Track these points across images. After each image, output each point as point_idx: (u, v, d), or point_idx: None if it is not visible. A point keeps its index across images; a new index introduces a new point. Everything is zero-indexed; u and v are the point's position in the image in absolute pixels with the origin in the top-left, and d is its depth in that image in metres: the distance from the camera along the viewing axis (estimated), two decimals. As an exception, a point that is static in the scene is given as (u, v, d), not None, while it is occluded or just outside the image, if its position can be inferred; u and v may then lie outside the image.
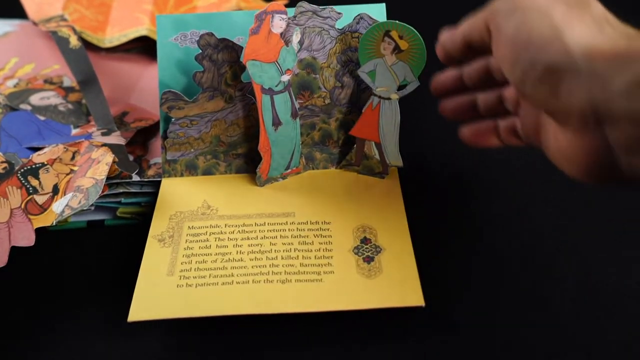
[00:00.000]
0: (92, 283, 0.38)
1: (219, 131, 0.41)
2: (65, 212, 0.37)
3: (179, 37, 0.41)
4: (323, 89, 0.41)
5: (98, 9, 0.61)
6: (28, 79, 0.52)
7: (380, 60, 0.39)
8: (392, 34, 0.38)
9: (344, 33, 0.40)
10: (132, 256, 0.39)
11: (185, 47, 0.41)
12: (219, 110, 0.41)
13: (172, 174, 0.41)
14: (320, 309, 0.33)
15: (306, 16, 0.39)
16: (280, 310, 0.33)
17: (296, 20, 0.39)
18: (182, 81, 0.41)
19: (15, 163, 0.40)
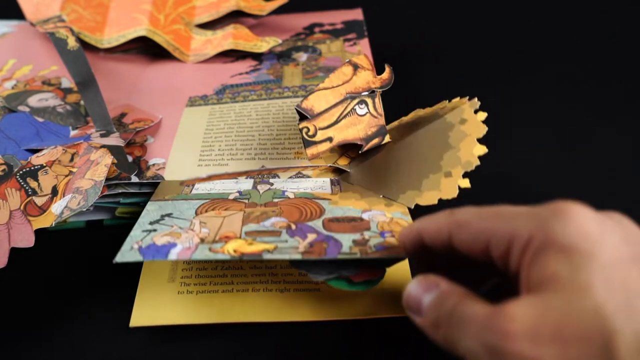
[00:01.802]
0: (92, 283, 0.38)
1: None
2: (65, 214, 0.37)
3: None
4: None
5: (96, 10, 0.61)
6: (26, 81, 0.52)
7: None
8: None
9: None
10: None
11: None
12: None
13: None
14: (318, 318, 0.33)
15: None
16: (279, 319, 0.33)
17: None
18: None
19: (14, 165, 0.40)
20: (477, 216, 0.27)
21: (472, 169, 0.37)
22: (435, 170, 0.38)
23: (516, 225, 0.25)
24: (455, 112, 0.39)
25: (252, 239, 0.33)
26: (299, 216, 0.36)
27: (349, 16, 0.63)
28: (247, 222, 0.35)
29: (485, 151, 0.38)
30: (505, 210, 0.26)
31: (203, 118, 0.48)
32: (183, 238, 0.33)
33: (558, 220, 0.24)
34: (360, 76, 0.40)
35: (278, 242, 0.33)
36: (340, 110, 0.39)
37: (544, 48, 0.60)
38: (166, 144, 0.45)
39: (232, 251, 0.32)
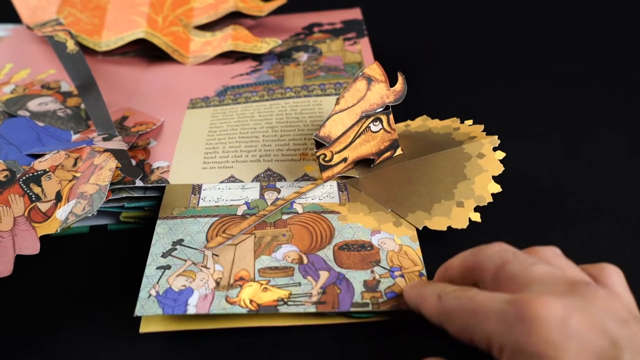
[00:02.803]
0: (99, 289, 0.37)
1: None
2: (70, 219, 0.37)
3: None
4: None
5: (93, 13, 0.61)
6: (25, 85, 0.52)
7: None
8: None
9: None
10: (137, 260, 0.39)
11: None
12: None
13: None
14: (321, 322, 0.34)
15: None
16: (285, 324, 0.33)
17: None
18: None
19: (17, 171, 0.39)
20: (460, 310, 0.29)
21: (484, 204, 0.38)
22: (448, 198, 0.38)
23: (490, 329, 0.27)
24: (475, 145, 0.41)
25: (266, 280, 0.34)
26: (310, 241, 0.37)
27: (347, 15, 0.63)
28: (259, 254, 0.36)
29: (500, 190, 0.38)
30: (480, 308, 0.28)
31: (205, 120, 0.48)
32: (198, 280, 0.34)
33: (523, 329, 0.26)
34: (374, 91, 0.40)
35: (292, 285, 0.34)
36: (355, 131, 0.40)
37: (543, 48, 0.60)
38: (169, 146, 0.45)
39: (248, 303, 0.33)
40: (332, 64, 0.54)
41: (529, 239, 0.38)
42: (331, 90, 0.50)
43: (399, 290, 0.34)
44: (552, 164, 0.45)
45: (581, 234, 0.39)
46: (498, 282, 0.29)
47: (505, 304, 0.27)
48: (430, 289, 0.31)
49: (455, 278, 0.32)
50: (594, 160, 0.45)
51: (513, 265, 0.29)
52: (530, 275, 0.28)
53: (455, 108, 0.49)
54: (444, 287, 0.30)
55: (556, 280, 0.28)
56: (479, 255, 0.31)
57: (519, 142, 0.47)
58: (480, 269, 0.30)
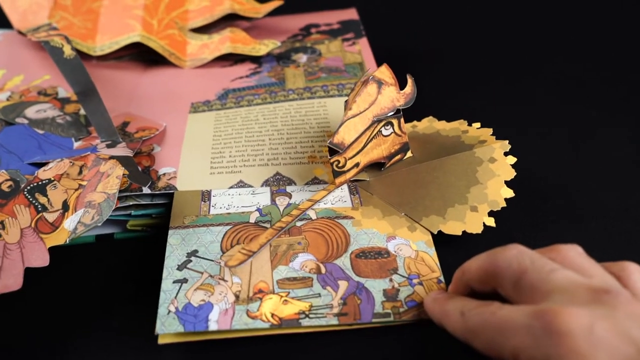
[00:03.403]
0: (110, 300, 0.36)
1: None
2: (79, 229, 0.36)
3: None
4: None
5: (85, 16, 0.59)
6: (21, 92, 0.50)
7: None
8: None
9: None
10: (148, 269, 0.38)
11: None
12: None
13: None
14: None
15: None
16: (297, 331, 0.33)
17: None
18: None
19: (20, 180, 0.38)
20: (484, 327, 0.28)
21: (497, 209, 0.38)
22: (462, 202, 0.38)
23: (517, 343, 0.27)
24: (486, 149, 0.41)
25: (286, 292, 0.34)
26: (326, 249, 0.36)
27: (344, 16, 0.63)
28: (276, 264, 0.35)
29: (513, 195, 0.38)
30: (505, 323, 0.27)
31: (209, 124, 0.47)
32: (217, 294, 0.34)
33: (551, 342, 0.25)
34: (384, 94, 0.40)
35: (312, 296, 0.34)
36: (367, 136, 0.40)
37: (542, 47, 0.60)
38: (174, 152, 0.44)
39: (270, 317, 0.33)
40: (333, 65, 0.54)
41: (544, 238, 0.38)
42: (334, 91, 0.50)
43: (419, 299, 0.34)
44: (557, 163, 0.45)
45: (594, 232, 0.39)
46: (519, 292, 0.29)
47: (530, 318, 0.26)
48: (452, 305, 0.31)
49: (474, 282, 0.32)
50: (598, 159, 0.46)
51: (532, 274, 0.29)
52: (551, 284, 0.28)
53: (456, 108, 0.49)
54: (467, 303, 0.30)
55: (578, 288, 0.27)
56: (496, 260, 0.30)
57: (521, 142, 0.46)
58: (498, 275, 0.30)
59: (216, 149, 0.44)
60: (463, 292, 0.33)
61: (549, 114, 0.51)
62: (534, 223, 0.40)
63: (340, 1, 0.66)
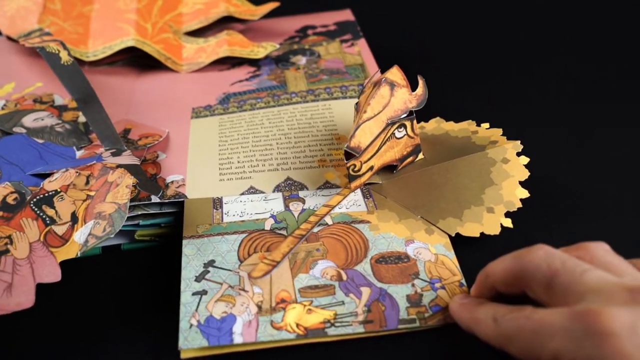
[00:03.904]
0: (121, 313, 0.35)
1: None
2: (90, 242, 0.34)
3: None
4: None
5: (76, 21, 0.58)
6: (16, 100, 0.49)
7: None
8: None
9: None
10: (158, 280, 0.37)
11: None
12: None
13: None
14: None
15: None
16: (323, 340, 0.32)
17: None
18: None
19: (25, 193, 0.37)
20: (519, 332, 0.28)
21: (514, 210, 0.38)
22: (478, 203, 0.38)
23: (557, 346, 0.26)
24: (498, 150, 0.40)
25: (309, 301, 0.33)
26: (345, 255, 0.36)
27: (339, 17, 0.62)
28: (296, 272, 0.35)
29: (528, 195, 0.38)
30: (542, 327, 0.27)
31: (213, 129, 0.46)
32: (239, 305, 0.33)
33: (595, 343, 0.25)
34: (397, 96, 0.39)
35: (335, 304, 0.33)
36: (382, 139, 0.39)
37: (540, 45, 0.60)
38: (180, 159, 0.43)
39: (295, 327, 0.32)
40: (334, 67, 0.53)
41: (561, 238, 0.38)
42: (338, 93, 0.49)
43: (444, 304, 0.33)
44: (563, 161, 0.45)
45: (608, 229, 0.39)
46: (550, 294, 0.28)
47: (570, 320, 0.26)
48: (483, 311, 0.30)
49: (499, 284, 0.31)
50: (602, 156, 0.46)
51: (564, 276, 0.28)
52: (584, 285, 0.28)
53: (457, 107, 0.48)
54: (498, 309, 0.30)
55: (613, 288, 0.27)
56: (524, 262, 0.30)
57: (525, 141, 0.47)
58: (527, 278, 0.30)
59: (223, 155, 0.43)
60: (487, 295, 0.32)
61: (549, 112, 0.51)
62: (548, 222, 0.40)
63: (331, 2, 0.66)
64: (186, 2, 0.60)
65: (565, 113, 0.50)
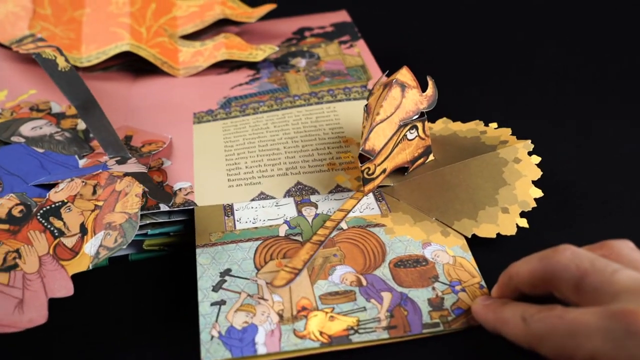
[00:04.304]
0: (135, 326, 0.34)
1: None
2: (101, 254, 0.33)
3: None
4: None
5: (68, 26, 0.56)
6: (11, 108, 0.47)
7: None
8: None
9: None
10: (169, 291, 0.36)
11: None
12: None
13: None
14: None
15: None
16: (348, 347, 0.32)
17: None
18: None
19: (31, 204, 0.36)
20: (552, 332, 0.28)
21: (528, 209, 0.38)
22: (492, 204, 0.38)
23: (594, 346, 0.26)
24: (509, 150, 0.40)
25: (330, 308, 0.32)
26: (364, 260, 0.35)
27: (336, 18, 0.62)
28: (315, 279, 0.34)
29: (542, 194, 0.38)
30: (577, 327, 0.27)
31: (217, 134, 0.45)
32: (259, 314, 0.32)
33: (636, 342, 0.25)
34: (408, 97, 0.39)
35: (357, 310, 0.33)
36: (394, 141, 0.39)
37: (540, 45, 0.60)
38: (186, 165, 0.42)
39: (318, 335, 0.31)
40: (335, 69, 0.53)
41: (576, 236, 0.38)
42: (342, 95, 0.49)
43: (466, 306, 0.33)
44: (570, 159, 0.45)
45: (620, 226, 0.39)
46: (580, 294, 0.28)
47: (607, 320, 0.26)
48: (510, 311, 0.30)
49: (524, 285, 0.31)
50: (606, 153, 0.46)
51: (594, 276, 0.28)
52: (616, 285, 0.27)
53: (458, 107, 0.48)
54: (526, 308, 0.29)
55: None
56: (551, 263, 0.30)
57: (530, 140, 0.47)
58: (555, 279, 0.29)
59: (230, 160, 0.42)
60: (511, 297, 0.32)
61: (551, 111, 0.51)
62: (560, 221, 0.40)
63: (324, 3, 0.65)
64: (180, 5, 0.59)
65: (567, 111, 0.51)
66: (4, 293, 0.31)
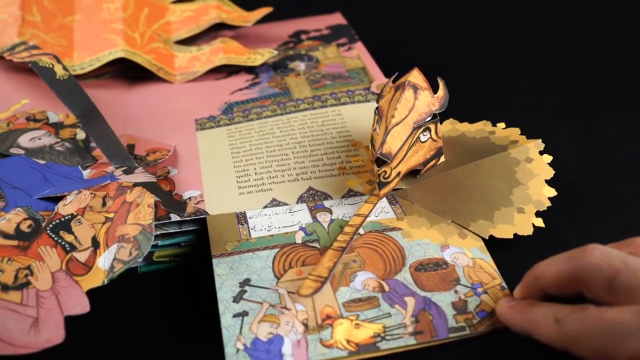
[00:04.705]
0: (151, 340, 0.33)
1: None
2: (116, 267, 0.32)
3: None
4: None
5: (58, 33, 0.55)
6: (7, 119, 0.45)
7: None
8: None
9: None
10: (183, 303, 0.35)
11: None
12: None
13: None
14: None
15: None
16: (376, 355, 0.31)
17: None
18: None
19: (40, 219, 0.34)
20: (588, 333, 0.27)
21: (543, 209, 0.37)
22: (507, 204, 0.38)
23: (636, 345, 0.26)
24: (520, 149, 0.40)
25: (355, 315, 0.32)
26: (384, 265, 0.35)
27: (331, 21, 0.61)
28: (337, 285, 0.33)
29: (555, 193, 0.38)
30: (617, 327, 0.27)
31: (222, 141, 0.44)
32: (284, 324, 0.31)
33: None
34: (420, 99, 0.38)
35: (382, 316, 0.32)
36: (409, 144, 0.38)
37: (539, 44, 0.61)
38: (194, 173, 0.41)
39: (345, 343, 0.31)
40: (335, 72, 0.52)
41: (591, 234, 0.38)
42: (345, 99, 0.48)
43: (489, 309, 0.33)
44: (572, 159, 0.45)
45: (635, 224, 0.39)
46: (614, 293, 0.28)
47: None
48: (540, 312, 0.30)
49: (551, 287, 0.31)
50: (609, 152, 0.46)
51: (627, 275, 0.28)
52: None
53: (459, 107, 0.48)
54: (558, 309, 0.29)
55: None
56: (581, 264, 0.29)
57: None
58: (586, 279, 0.29)
59: (239, 167, 0.42)
60: (535, 297, 0.32)
61: (552, 110, 0.51)
62: (574, 220, 0.40)
63: (317, 5, 0.65)
64: (173, 9, 0.58)
65: (567, 111, 0.51)
66: (18, 312, 0.30)
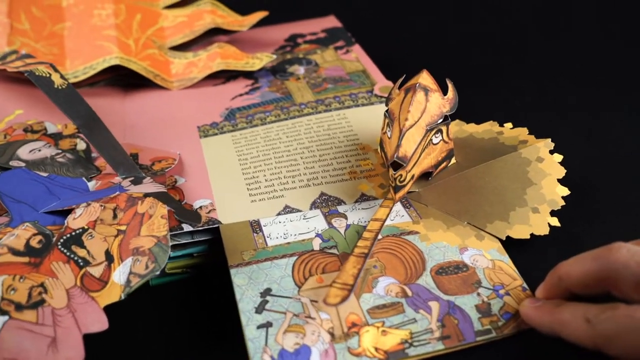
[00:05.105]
0: (173, 355, 0.32)
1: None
2: (133, 282, 0.31)
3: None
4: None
5: (49, 41, 0.53)
6: (4, 131, 0.44)
7: None
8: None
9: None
10: (197, 315, 0.34)
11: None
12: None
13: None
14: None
15: None
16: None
17: None
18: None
19: (50, 234, 0.33)
20: (622, 332, 0.27)
21: (557, 208, 0.37)
22: (522, 204, 0.37)
23: None
24: (531, 149, 0.40)
25: (381, 322, 0.31)
26: (404, 271, 0.34)
27: (325, 24, 0.61)
28: (360, 292, 0.33)
29: (568, 192, 0.38)
30: None
31: (228, 147, 0.44)
32: (309, 334, 0.31)
33: None
34: (432, 101, 0.38)
35: (408, 322, 0.32)
36: (422, 146, 0.38)
37: (539, 43, 0.61)
38: (202, 182, 0.40)
39: (374, 351, 0.30)
40: (336, 75, 0.52)
41: (607, 232, 0.38)
42: (349, 102, 0.48)
43: (513, 310, 0.32)
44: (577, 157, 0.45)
45: None
46: None
47: None
48: (569, 312, 0.30)
49: (577, 286, 0.31)
50: (613, 150, 0.46)
51: None
52: None
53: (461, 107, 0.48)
54: (588, 309, 0.29)
55: None
56: (609, 262, 0.29)
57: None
58: (614, 278, 0.29)
59: (248, 174, 0.41)
60: (560, 297, 0.32)
61: (554, 109, 0.51)
62: (586, 218, 0.40)
63: (308, 9, 0.64)
64: (166, 15, 0.56)
65: (567, 110, 0.51)
66: (34, 332, 0.28)
